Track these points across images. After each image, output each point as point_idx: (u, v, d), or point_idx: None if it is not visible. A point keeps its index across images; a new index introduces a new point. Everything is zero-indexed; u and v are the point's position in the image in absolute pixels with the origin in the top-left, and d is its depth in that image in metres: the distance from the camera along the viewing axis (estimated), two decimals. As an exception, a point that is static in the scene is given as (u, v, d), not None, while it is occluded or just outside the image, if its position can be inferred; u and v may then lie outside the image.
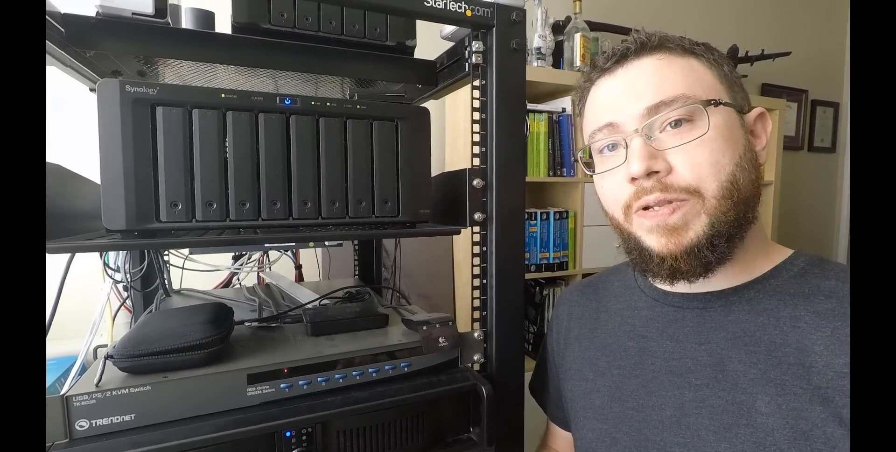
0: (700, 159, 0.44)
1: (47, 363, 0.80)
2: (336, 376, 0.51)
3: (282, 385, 0.48)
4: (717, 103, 0.45)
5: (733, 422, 0.43)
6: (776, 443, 0.41)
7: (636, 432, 0.49)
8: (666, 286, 0.52)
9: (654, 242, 0.46)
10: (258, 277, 0.93)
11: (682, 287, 0.51)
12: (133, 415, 0.43)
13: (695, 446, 0.45)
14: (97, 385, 0.42)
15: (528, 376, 0.67)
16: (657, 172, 0.45)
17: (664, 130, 0.46)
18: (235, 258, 0.85)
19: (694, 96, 0.45)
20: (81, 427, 0.41)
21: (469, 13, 0.53)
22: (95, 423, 0.42)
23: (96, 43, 0.49)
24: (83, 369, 0.55)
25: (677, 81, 0.46)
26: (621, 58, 0.48)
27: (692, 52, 0.48)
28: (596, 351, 0.57)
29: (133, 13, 0.49)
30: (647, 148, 0.45)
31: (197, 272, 0.82)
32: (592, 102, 0.52)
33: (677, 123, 0.45)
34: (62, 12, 0.48)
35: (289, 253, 0.90)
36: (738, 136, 0.46)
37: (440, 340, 0.54)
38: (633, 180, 0.46)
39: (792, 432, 0.41)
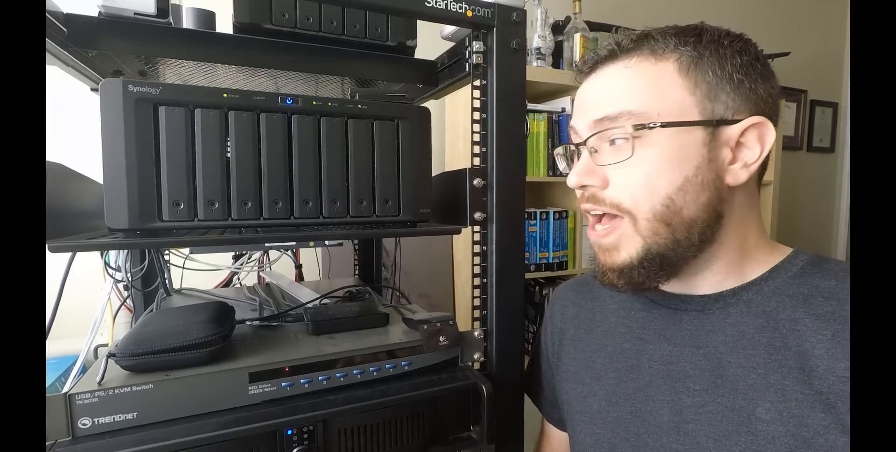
0: (632, 180, 0.45)
1: (48, 362, 0.80)
2: (337, 374, 0.51)
3: (283, 384, 0.49)
4: (652, 126, 0.43)
5: (733, 429, 0.43)
6: (777, 451, 0.40)
7: (634, 437, 0.49)
8: (663, 287, 0.52)
9: (598, 257, 0.51)
10: (258, 276, 0.93)
11: (678, 288, 0.51)
12: (135, 413, 0.43)
13: None
14: (100, 384, 0.43)
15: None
16: (590, 185, 0.47)
17: (613, 143, 0.46)
18: (236, 258, 0.85)
19: (642, 113, 0.44)
20: (84, 425, 0.41)
21: (469, 13, 0.53)
22: (98, 421, 0.42)
23: (98, 43, 0.50)
24: (84, 368, 0.55)
25: (630, 95, 0.45)
26: (594, 64, 0.49)
27: (675, 51, 0.45)
28: (592, 353, 0.56)
29: (135, 13, 0.49)
30: (587, 162, 0.48)
31: (197, 272, 0.82)
32: (574, 103, 0.53)
33: (615, 141, 0.46)
34: (65, 12, 0.48)
35: (289, 253, 0.90)
36: (689, 156, 0.44)
37: (440, 339, 0.55)
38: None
39: (793, 440, 0.40)
